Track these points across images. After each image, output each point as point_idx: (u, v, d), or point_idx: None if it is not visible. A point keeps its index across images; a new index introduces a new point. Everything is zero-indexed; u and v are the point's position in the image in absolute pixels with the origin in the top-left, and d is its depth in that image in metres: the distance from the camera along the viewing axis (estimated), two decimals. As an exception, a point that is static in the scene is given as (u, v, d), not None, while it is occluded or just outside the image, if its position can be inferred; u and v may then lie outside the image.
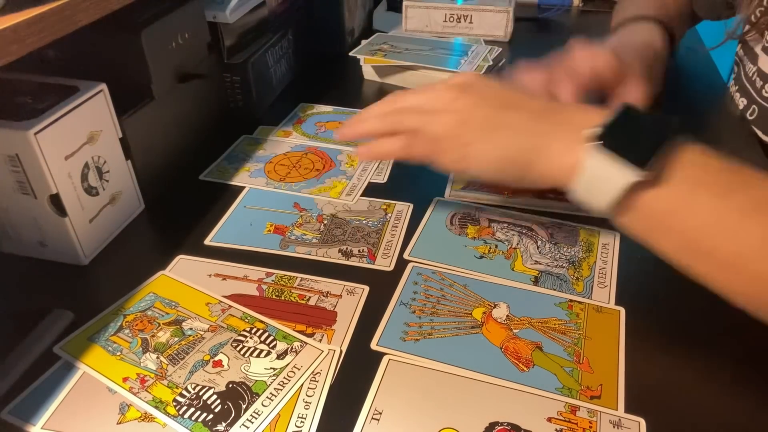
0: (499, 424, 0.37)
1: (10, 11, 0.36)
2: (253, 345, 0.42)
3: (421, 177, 0.60)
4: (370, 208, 0.55)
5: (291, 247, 0.50)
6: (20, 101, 0.45)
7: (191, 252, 0.50)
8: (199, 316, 0.44)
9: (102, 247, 0.51)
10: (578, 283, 0.47)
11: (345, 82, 0.80)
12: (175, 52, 0.56)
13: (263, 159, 0.62)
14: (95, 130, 0.48)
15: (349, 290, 0.46)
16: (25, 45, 0.35)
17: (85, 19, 0.40)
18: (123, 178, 0.52)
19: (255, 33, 0.70)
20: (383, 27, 0.91)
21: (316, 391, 0.39)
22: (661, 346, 0.42)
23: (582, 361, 0.40)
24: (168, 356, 0.41)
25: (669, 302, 0.46)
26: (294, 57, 0.78)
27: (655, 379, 0.39)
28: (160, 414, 0.37)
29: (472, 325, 0.43)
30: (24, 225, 0.47)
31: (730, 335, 0.43)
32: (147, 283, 0.47)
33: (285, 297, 0.46)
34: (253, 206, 0.55)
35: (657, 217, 0.37)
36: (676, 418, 0.37)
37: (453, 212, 0.54)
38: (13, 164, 0.44)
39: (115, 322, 0.43)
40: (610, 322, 0.43)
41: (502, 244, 0.50)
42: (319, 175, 0.60)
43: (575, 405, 0.38)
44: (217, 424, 0.37)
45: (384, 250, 0.50)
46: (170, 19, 0.55)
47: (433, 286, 0.46)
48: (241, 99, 0.68)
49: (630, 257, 0.49)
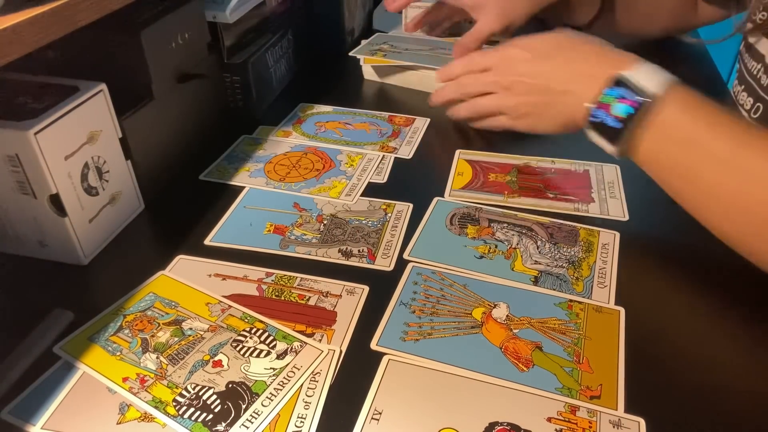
0: (499, 424, 0.37)
1: (10, 11, 0.36)
2: (253, 345, 0.42)
3: (421, 177, 0.60)
4: (370, 208, 0.55)
5: (291, 247, 0.50)
6: (20, 101, 0.45)
7: (191, 252, 0.50)
8: (199, 316, 0.44)
9: (102, 247, 0.51)
10: (578, 283, 0.47)
11: (345, 82, 0.80)
12: (175, 52, 0.56)
13: (263, 159, 0.62)
14: (95, 130, 0.48)
15: (349, 290, 0.46)
16: (25, 45, 0.36)
17: (85, 19, 0.40)
18: (123, 178, 0.52)
19: (255, 33, 0.70)
20: (383, 27, 0.91)
21: (316, 391, 0.39)
22: (661, 345, 0.42)
23: (582, 361, 0.40)
24: (168, 356, 0.41)
25: (669, 302, 0.46)
26: (294, 57, 0.78)
27: (655, 379, 0.39)
28: (159, 414, 0.37)
29: (471, 325, 0.43)
30: (24, 225, 0.47)
31: (730, 335, 0.43)
32: (147, 283, 0.47)
33: (285, 297, 0.46)
34: (253, 206, 0.55)
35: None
36: (676, 419, 0.37)
37: (453, 212, 0.54)
38: (13, 164, 0.44)
39: (115, 322, 0.43)
40: (610, 322, 0.43)
41: (501, 244, 0.50)
42: (319, 175, 0.60)
43: (575, 405, 0.38)
44: (217, 424, 0.37)
45: (384, 250, 0.50)
46: (170, 19, 0.55)
47: (432, 286, 0.46)
48: (241, 99, 0.68)
49: (630, 257, 0.49)
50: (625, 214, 0.54)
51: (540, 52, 0.56)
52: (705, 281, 0.48)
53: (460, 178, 0.59)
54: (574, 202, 0.55)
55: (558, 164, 0.61)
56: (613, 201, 0.55)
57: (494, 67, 0.60)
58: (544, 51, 0.56)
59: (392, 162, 0.61)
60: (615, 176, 0.59)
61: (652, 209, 0.55)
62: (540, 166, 0.61)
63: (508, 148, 0.63)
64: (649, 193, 0.57)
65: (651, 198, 0.56)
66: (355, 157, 0.62)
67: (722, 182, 0.44)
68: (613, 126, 0.48)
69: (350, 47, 0.81)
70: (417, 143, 0.65)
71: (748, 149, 0.43)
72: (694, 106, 0.46)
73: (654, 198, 0.56)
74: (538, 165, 0.61)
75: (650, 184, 0.54)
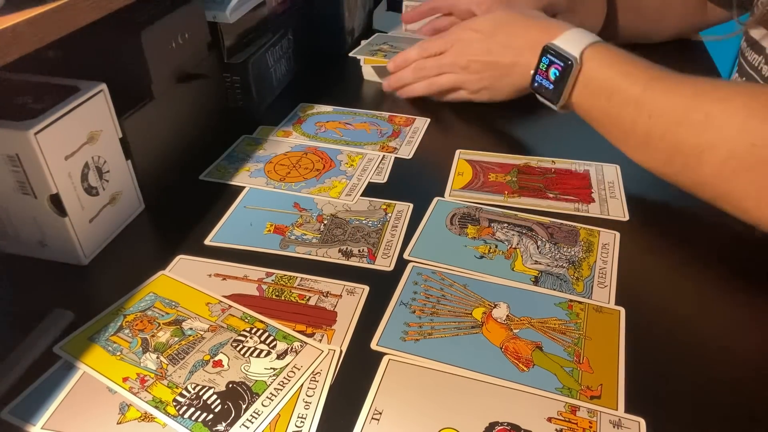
0: (499, 424, 0.37)
1: (10, 11, 0.36)
2: (253, 345, 0.42)
3: (421, 177, 0.60)
4: (370, 208, 0.55)
5: (291, 247, 0.50)
6: (20, 101, 0.45)
7: (191, 252, 0.50)
8: (199, 316, 0.44)
9: (102, 247, 0.51)
10: (578, 283, 0.47)
11: (345, 82, 0.80)
12: (175, 52, 0.56)
13: (263, 159, 0.62)
14: (95, 130, 0.48)
15: (349, 290, 0.46)
16: (25, 45, 0.36)
17: (85, 19, 0.40)
18: (123, 178, 0.52)
19: (255, 33, 0.70)
20: (383, 27, 0.91)
21: (316, 391, 0.39)
22: (661, 346, 0.42)
23: (582, 361, 0.40)
24: (168, 356, 0.41)
25: (669, 302, 0.46)
26: (294, 57, 0.78)
27: (655, 379, 0.39)
28: (160, 414, 0.37)
29: (472, 325, 0.43)
30: (24, 225, 0.47)
31: (730, 335, 0.43)
32: (147, 283, 0.47)
33: (285, 297, 0.46)
34: (253, 206, 0.55)
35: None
36: (676, 419, 0.37)
37: (453, 212, 0.54)
38: (13, 164, 0.44)
39: (115, 322, 0.43)
40: (610, 322, 0.43)
41: (502, 244, 0.50)
42: (319, 175, 0.60)
43: (575, 405, 0.38)
44: (217, 424, 0.37)
45: (384, 250, 0.50)
46: (170, 19, 0.55)
47: (433, 286, 0.46)
48: (241, 99, 0.68)
49: (630, 257, 0.49)
50: (625, 214, 0.54)
51: (487, 31, 0.65)
52: (705, 281, 0.48)
53: (460, 178, 0.59)
54: (575, 202, 0.55)
55: (558, 164, 0.61)
56: (613, 201, 0.55)
57: (450, 49, 0.68)
58: (489, 30, 0.65)
59: (392, 162, 0.61)
60: (615, 176, 0.59)
61: (652, 209, 0.55)
62: (540, 166, 0.61)
63: (508, 148, 0.63)
64: (649, 193, 0.57)
65: (651, 198, 0.56)
66: (356, 157, 0.62)
67: (636, 121, 0.50)
68: (548, 87, 0.57)
69: (350, 47, 0.81)
70: (417, 143, 0.65)
71: (655, 90, 0.49)
72: (610, 60, 0.53)
73: (654, 198, 0.56)
74: (538, 165, 0.61)
75: (650, 184, 0.54)
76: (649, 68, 0.52)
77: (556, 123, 0.68)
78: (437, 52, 0.69)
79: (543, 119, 0.69)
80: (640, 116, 0.50)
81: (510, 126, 0.69)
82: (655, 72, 0.51)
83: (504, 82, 0.65)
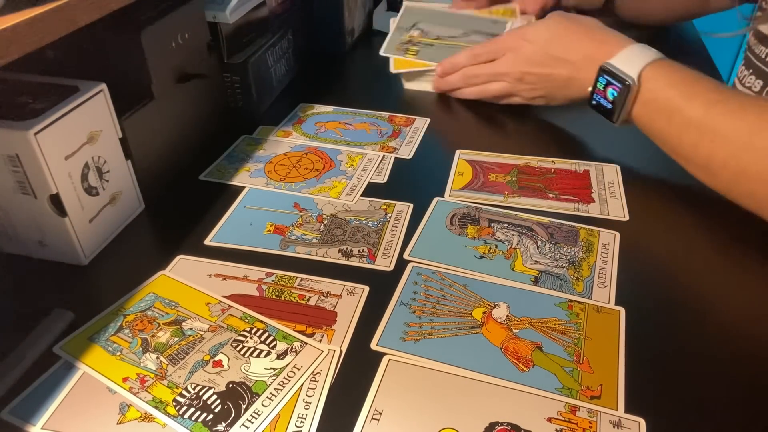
0: (499, 424, 0.37)
1: (10, 11, 0.36)
2: (253, 345, 0.42)
3: (421, 177, 0.60)
4: (370, 208, 0.55)
5: (291, 247, 0.50)
6: (20, 101, 0.45)
7: (191, 252, 0.50)
8: (199, 316, 0.44)
9: (102, 247, 0.51)
10: (578, 283, 0.47)
11: (345, 82, 0.80)
12: (175, 52, 0.56)
13: (263, 159, 0.62)
14: (95, 130, 0.48)
15: (349, 290, 0.46)
16: (24, 45, 0.35)
17: (84, 19, 0.40)
18: (123, 178, 0.52)
19: (255, 33, 0.70)
20: (383, 27, 0.91)
21: (316, 391, 0.39)
22: (661, 346, 0.42)
23: (582, 361, 0.40)
24: (168, 356, 0.41)
25: (669, 302, 0.46)
26: (294, 57, 0.78)
27: (655, 379, 0.39)
28: (160, 414, 0.37)
29: (472, 325, 0.43)
30: (24, 225, 0.47)
31: (731, 335, 0.43)
32: (147, 283, 0.47)
33: (285, 297, 0.46)
34: (253, 206, 0.55)
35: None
36: (676, 419, 0.37)
37: (453, 212, 0.54)
38: (13, 164, 0.44)
39: (115, 322, 0.43)
40: (610, 322, 0.43)
41: (502, 244, 0.50)
42: (319, 175, 0.60)
43: (575, 405, 0.38)
44: (217, 424, 0.37)
45: (384, 250, 0.50)
46: (170, 19, 0.55)
47: (433, 286, 0.46)
48: (241, 99, 0.68)
49: (630, 257, 0.49)
50: (625, 214, 0.54)
51: (541, 42, 0.63)
52: (705, 281, 0.48)
53: (460, 178, 0.59)
54: (575, 202, 0.55)
55: (558, 164, 0.61)
56: (613, 201, 0.55)
57: (501, 59, 0.67)
58: (544, 41, 0.63)
59: (392, 162, 0.61)
60: (615, 176, 0.59)
61: (652, 209, 0.55)
62: (540, 166, 0.61)
63: (508, 148, 0.63)
64: (649, 193, 0.57)
65: (651, 198, 0.56)
66: (356, 157, 0.62)
67: (698, 145, 0.50)
68: (606, 107, 0.57)
69: (350, 47, 0.81)
70: (417, 143, 0.65)
71: (717, 114, 0.49)
72: (670, 80, 0.52)
73: (654, 198, 0.56)
74: (538, 165, 0.61)
75: (650, 184, 0.54)
76: (711, 89, 0.50)
77: (556, 123, 0.68)
78: (488, 60, 0.68)
79: (543, 119, 0.69)
80: (701, 140, 0.49)
81: (510, 126, 0.69)
82: (717, 93, 0.50)
83: (561, 93, 0.64)
